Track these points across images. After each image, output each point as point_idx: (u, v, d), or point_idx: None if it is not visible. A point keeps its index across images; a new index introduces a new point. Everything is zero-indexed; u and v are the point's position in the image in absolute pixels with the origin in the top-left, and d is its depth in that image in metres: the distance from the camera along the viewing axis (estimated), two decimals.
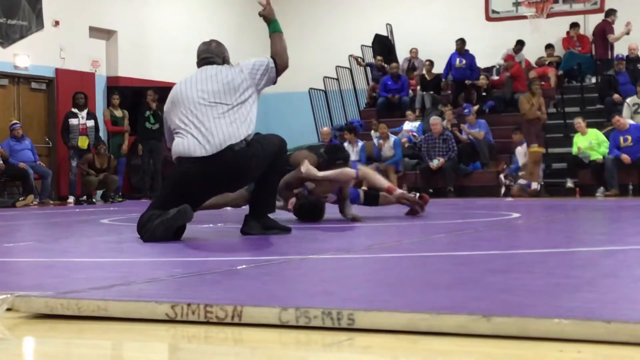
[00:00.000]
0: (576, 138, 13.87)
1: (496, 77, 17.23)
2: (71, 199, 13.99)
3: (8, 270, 3.61)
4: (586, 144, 13.64)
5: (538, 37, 16.68)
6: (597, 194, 13.14)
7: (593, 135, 13.72)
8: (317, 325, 2.06)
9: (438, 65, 17.50)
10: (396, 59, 18.35)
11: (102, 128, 14.91)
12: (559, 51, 17.38)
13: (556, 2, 16.07)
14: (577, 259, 3.64)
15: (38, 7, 14.86)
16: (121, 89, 15.76)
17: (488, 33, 17.44)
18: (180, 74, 16.34)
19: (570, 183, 13.76)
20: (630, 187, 13.37)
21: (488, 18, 16.48)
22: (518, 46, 17.23)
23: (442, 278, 2.94)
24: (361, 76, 18.81)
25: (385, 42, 18.59)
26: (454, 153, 14.47)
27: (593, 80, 16.61)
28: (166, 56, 17.31)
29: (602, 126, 14.33)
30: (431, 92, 17.19)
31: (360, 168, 7.26)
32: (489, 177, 14.46)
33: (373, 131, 15.96)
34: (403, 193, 7.28)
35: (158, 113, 14.77)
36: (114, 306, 2.28)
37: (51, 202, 13.68)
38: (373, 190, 7.20)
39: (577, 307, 2.18)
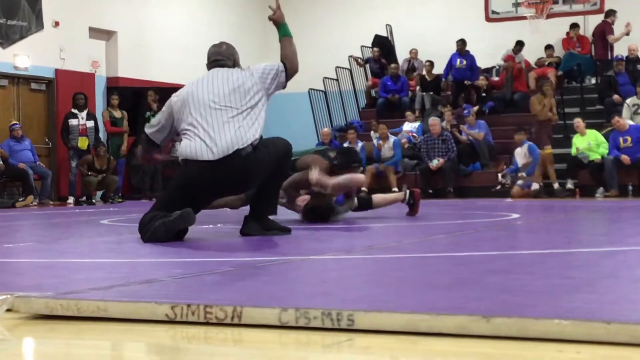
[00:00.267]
0: (575, 139, 13.86)
1: (496, 78, 17.22)
2: (71, 200, 13.99)
3: (8, 270, 3.61)
4: (585, 145, 13.63)
5: (538, 38, 16.68)
6: (597, 195, 13.14)
7: (592, 136, 13.71)
8: (317, 326, 2.06)
9: (438, 65, 17.50)
10: (396, 60, 18.35)
11: (102, 129, 14.90)
12: (559, 52, 17.37)
13: (556, 3, 16.05)
14: (577, 260, 3.64)
15: (38, 8, 14.86)
16: (120, 90, 15.75)
17: (488, 34, 17.43)
18: (180, 74, 16.56)
19: (570, 184, 13.75)
20: (629, 188, 13.37)
21: (488, 19, 16.47)
22: (517, 47, 17.22)
23: (442, 279, 2.94)
24: (361, 77, 18.80)
25: (385, 43, 18.57)
26: (454, 153, 14.47)
27: (593, 81, 16.61)
28: (166, 56, 17.31)
29: (602, 127, 14.33)
30: (431, 93, 17.19)
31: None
32: (489, 178, 14.46)
33: (373, 132, 15.97)
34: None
35: (157, 111, 14.79)
36: (114, 307, 2.28)
37: (51, 203, 13.68)
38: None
39: (577, 308, 2.18)
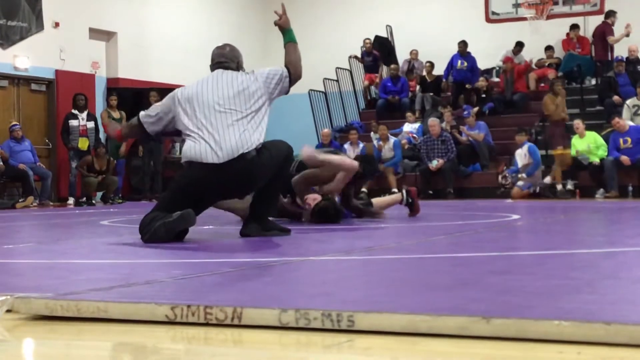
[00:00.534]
0: (574, 140, 13.86)
1: (496, 79, 17.22)
2: (71, 201, 13.99)
3: (8, 271, 3.61)
4: (584, 147, 13.63)
5: (538, 39, 16.69)
6: (597, 196, 13.14)
7: (591, 138, 13.70)
8: (317, 326, 2.06)
9: (438, 66, 17.50)
10: (396, 61, 18.34)
11: (102, 129, 14.89)
12: (559, 53, 17.37)
13: (556, 4, 16.06)
14: (577, 261, 3.64)
15: (38, 9, 14.86)
16: (120, 90, 15.75)
17: (488, 34, 17.43)
18: (180, 75, 16.55)
19: (570, 185, 13.74)
20: (630, 189, 13.37)
21: (488, 19, 16.47)
22: (517, 48, 17.23)
23: (442, 279, 2.94)
24: (361, 78, 18.79)
25: (385, 44, 18.57)
26: (453, 154, 14.47)
27: (593, 81, 16.60)
28: (166, 57, 17.31)
29: (602, 128, 14.33)
30: (431, 94, 17.19)
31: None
32: (489, 179, 14.46)
33: (373, 132, 15.97)
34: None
35: None
36: (114, 308, 2.28)
37: (51, 204, 13.68)
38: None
39: (577, 309, 2.18)
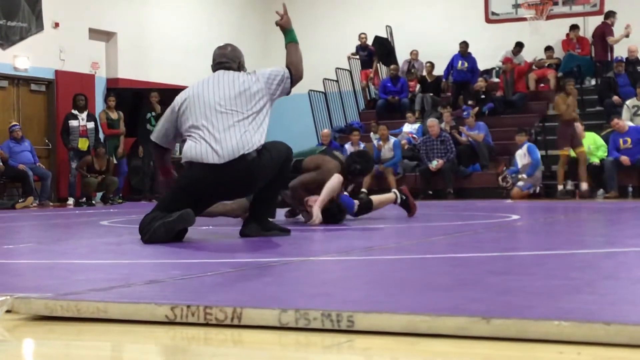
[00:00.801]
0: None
1: (496, 79, 17.22)
2: (71, 201, 13.99)
3: (8, 271, 3.61)
4: (584, 148, 13.62)
5: (537, 39, 16.68)
6: (597, 196, 13.13)
7: (591, 139, 13.68)
8: (317, 327, 2.06)
9: (438, 67, 17.50)
10: (396, 61, 18.34)
11: (101, 130, 14.89)
12: (559, 53, 17.37)
13: (556, 4, 16.04)
14: (577, 261, 3.64)
15: (38, 9, 14.86)
16: (119, 91, 15.74)
17: (488, 35, 17.43)
18: (180, 75, 16.55)
19: (570, 185, 13.74)
20: (629, 189, 13.37)
21: (488, 20, 16.45)
22: (517, 48, 17.24)
23: (442, 280, 2.94)
24: (360, 77, 18.79)
25: (385, 44, 18.57)
26: (453, 154, 14.47)
27: (593, 82, 16.61)
28: (166, 57, 17.31)
29: (602, 128, 14.32)
30: (431, 94, 17.19)
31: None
32: (489, 179, 14.45)
33: (372, 133, 15.96)
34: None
35: (160, 114, 14.76)
36: (114, 308, 2.28)
37: (51, 204, 13.68)
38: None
39: (577, 309, 2.18)
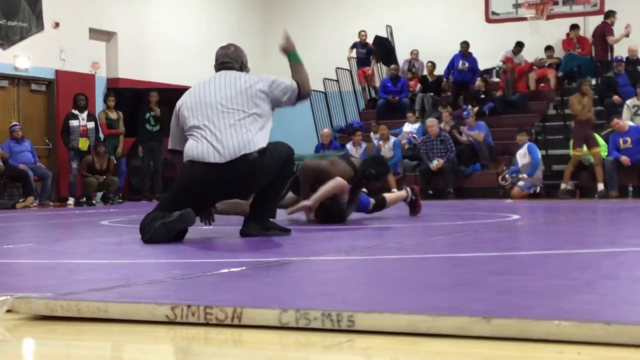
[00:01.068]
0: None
1: (496, 79, 17.22)
2: (71, 201, 13.99)
3: (8, 271, 3.61)
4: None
5: (538, 39, 16.68)
6: (597, 196, 13.13)
7: None
8: (317, 326, 2.06)
9: (438, 66, 17.50)
10: (396, 61, 18.34)
11: (102, 129, 14.88)
12: (559, 53, 17.37)
13: (556, 4, 16.04)
14: (577, 261, 3.64)
15: (38, 9, 14.86)
16: (119, 91, 15.74)
17: (488, 34, 17.43)
18: (180, 75, 16.55)
19: (570, 185, 13.73)
20: (630, 189, 13.37)
21: (488, 20, 16.46)
22: (517, 48, 17.24)
23: (442, 279, 2.94)
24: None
25: (385, 44, 18.57)
26: (453, 154, 14.46)
27: (593, 82, 16.59)
28: (166, 57, 17.31)
29: (602, 128, 14.31)
30: (431, 94, 17.19)
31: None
32: (489, 179, 14.45)
33: (373, 133, 15.96)
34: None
35: (158, 115, 14.75)
36: (114, 308, 2.28)
37: (51, 204, 13.68)
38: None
39: (577, 309, 2.17)
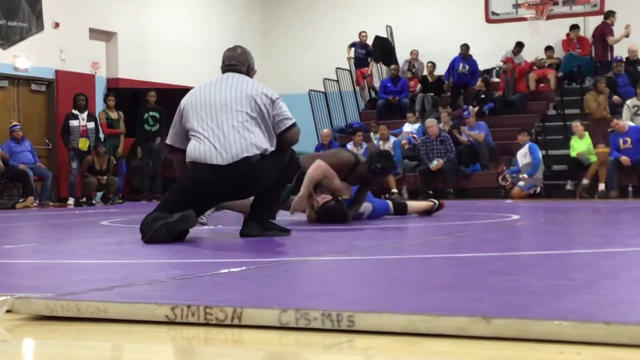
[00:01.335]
0: (573, 142, 13.83)
1: (496, 79, 17.23)
2: (71, 201, 13.99)
3: (8, 271, 3.61)
4: (584, 148, 13.61)
5: (538, 39, 16.68)
6: (597, 196, 13.13)
7: (591, 139, 13.68)
8: (317, 327, 2.06)
9: (438, 67, 17.50)
10: (396, 61, 18.34)
11: (102, 130, 14.88)
12: (559, 53, 17.38)
13: (556, 4, 16.03)
14: (577, 261, 3.64)
15: (38, 9, 14.86)
16: (118, 91, 15.74)
17: (488, 35, 17.42)
18: (180, 75, 16.55)
19: (570, 185, 13.73)
20: (630, 189, 13.37)
21: (488, 20, 16.45)
22: (517, 48, 17.24)
23: (442, 280, 2.94)
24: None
25: (385, 44, 18.57)
26: (452, 154, 14.46)
27: (592, 82, 16.60)
28: (166, 57, 17.30)
29: None
30: (431, 94, 17.19)
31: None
32: (489, 179, 14.45)
33: (372, 133, 15.96)
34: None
35: (156, 115, 14.76)
36: (114, 308, 2.28)
37: (51, 204, 13.67)
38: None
39: (577, 309, 2.18)
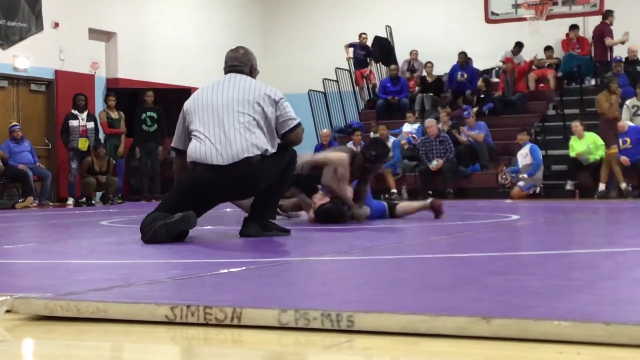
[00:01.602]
0: (573, 142, 13.83)
1: (496, 79, 17.23)
2: (70, 201, 13.98)
3: (7, 272, 3.61)
4: (583, 148, 13.61)
5: (537, 39, 16.68)
6: (597, 196, 13.13)
7: (590, 139, 13.66)
8: (317, 327, 2.06)
9: (438, 67, 17.49)
10: (396, 61, 18.34)
11: (101, 130, 14.88)
12: (558, 53, 17.38)
13: (555, 4, 16.03)
14: (577, 261, 3.64)
15: (38, 9, 14.85)
16: (118, 90, 15.74)
17: (488, 35, 17.42)
18: (180, 75, 16.55)
19: (569, 185, 13.74)
20: (630, 189, 13.36)
21: (487, 20, 16.44)
22: (517, 48, 17.24)
23: (442, 280, 2.94)
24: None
25: (385, 44, 18.57)
26: (452, 154, 14.46)
27: (592, 82, 16.62)
28: (166, 57, 17.29)
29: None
30: (431, 94, 17.19)
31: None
32: (489, 179, 14.45)
33: (372, 133, 15.95)
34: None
35: (154, 115, 14.75)
36: (114, 308, 2.28)
37: (50, 204, 13.67)
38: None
39: (577, 309, 2.18)
